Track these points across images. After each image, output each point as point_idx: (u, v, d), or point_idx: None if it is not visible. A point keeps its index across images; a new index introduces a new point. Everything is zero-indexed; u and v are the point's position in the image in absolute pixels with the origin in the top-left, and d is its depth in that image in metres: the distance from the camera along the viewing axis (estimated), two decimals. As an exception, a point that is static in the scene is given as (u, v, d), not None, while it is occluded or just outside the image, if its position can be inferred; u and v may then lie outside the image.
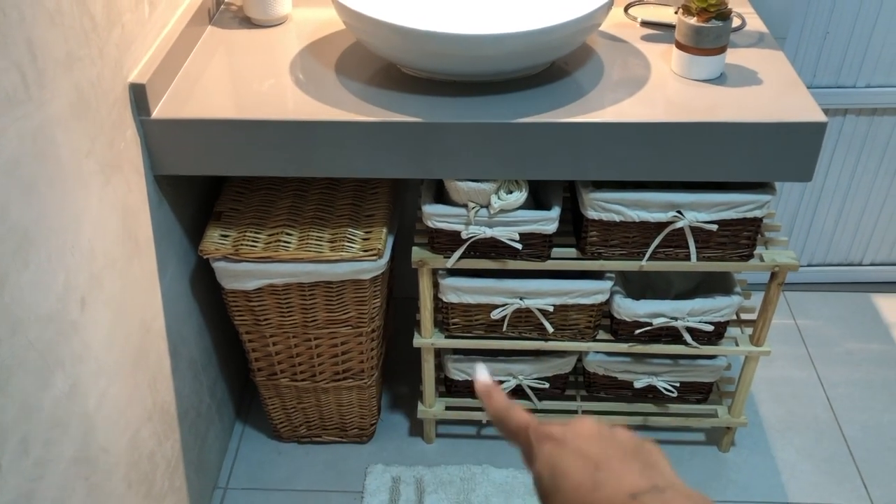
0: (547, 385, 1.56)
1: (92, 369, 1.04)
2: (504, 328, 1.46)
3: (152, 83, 1.17)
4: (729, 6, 1.22)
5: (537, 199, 1.41)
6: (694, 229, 1.32)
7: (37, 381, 0.91)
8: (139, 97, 1.15)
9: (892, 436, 1.70)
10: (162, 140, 1.20)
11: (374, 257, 1.33)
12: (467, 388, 1.61)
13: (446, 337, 1.50)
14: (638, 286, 1.57)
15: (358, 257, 1.32)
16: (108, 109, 1.07)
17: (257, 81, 1.27)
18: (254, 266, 1.33)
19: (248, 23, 1.44)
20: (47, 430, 0.94)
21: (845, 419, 1.73)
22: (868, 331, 1.94)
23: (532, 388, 1.57)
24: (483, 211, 1.31)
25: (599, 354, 1.53)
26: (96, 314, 1.05)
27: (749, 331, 1.50)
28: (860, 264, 2.03)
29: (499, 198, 1.29)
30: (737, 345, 1.49)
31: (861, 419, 1.73)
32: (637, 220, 1.31)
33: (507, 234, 1.32)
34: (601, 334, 1.49)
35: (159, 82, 1.20)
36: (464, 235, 1.33)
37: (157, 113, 1.19)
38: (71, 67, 0.97)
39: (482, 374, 0.55)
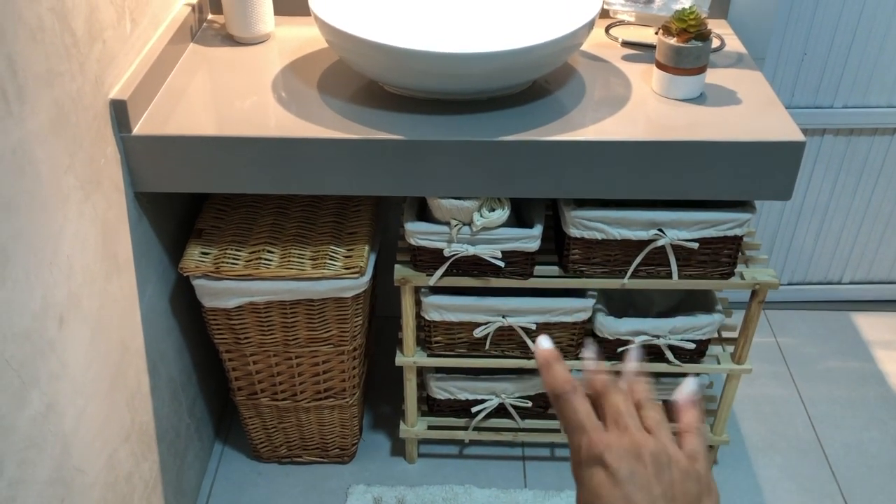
0: (530, 404, 1.56)
1: (69, 388, 1.03)
2: (486, 346, 1.46)
3: (133, 99, 1.16)
4: (708, 27, 1.24)
5: (520, 216, 1.41)
6: (675, 247, 1.32)
7: (12, 399, 0.90)
8: (120, 113, 1.15)
9: (872, 453, 1.71)
10: (143, 157, 1.19)
11: (356, 275, 1.32)
12: (450, 408, 1.60)
13: (429, 355, 1.49)
14: (620, 304, 1.58)
15: (340, 275, 1.32)
16: (88, 125, 1.07)
17: (239, 99, 1.27)
18: (234, 284, 1.32)
19: (230, 40, 1.44)
20: (22, 450, 0.92)
21: (826, 437, 1.74)
22: (847, 349, 1.95)
23: (515, 407, 1.57)
24: (465, 229, 1.31)
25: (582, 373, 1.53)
26: (74, 332, 1.04)
27: (730, 349, 1.51)
28: (839, 283, 2.05)
29: (481, 215, 1.29)
30: (718, 363, 1.49)
31: (842, 437, 1.74)
32: (619, 238, 1.31)
33: (489, 251, 1.32)
34: (583, 352, 1.49)
35: (141, 99, 1.19)
36: (446, 253, 1.32)
37: (138, 129, 1.18)
38: (51, 83, 0.96)
39: (545, 341, 0.52)
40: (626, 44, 1.44)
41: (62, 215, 1.00)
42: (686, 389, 0.52)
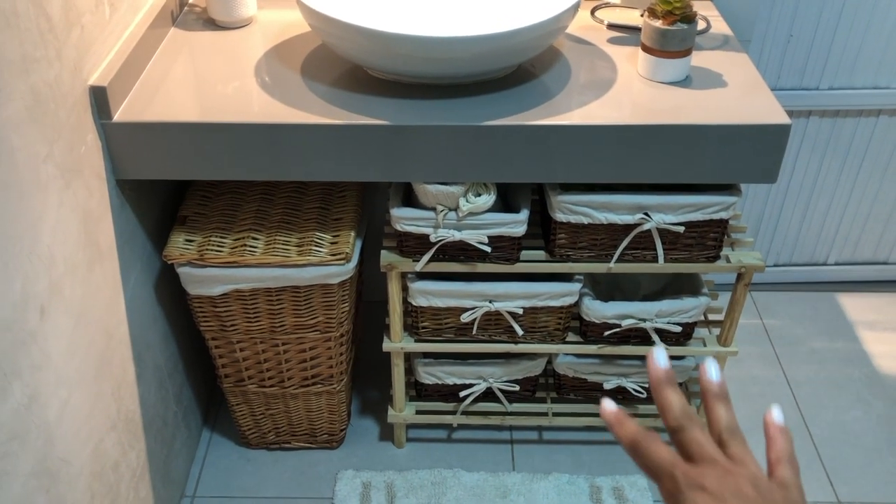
0: (517, 387, 1.56)
1: (52, 379, 1.02)
2: (474, 331, 1.46)
3: (113, 86, 1.15)
4: (694, 9, 1.23)
5: (506, 201, 1.41)
6: (661, 231, 1.32)
7: (-6, 391, 0.89)
8: (100, 100, 1.13)
9: (856, 433, 1.72)
10: (124, 144, 1.18)
11: (342, 261, 1.31)
12: (437, 392, 1.60)
13: (416, 341, 1.49)
14: (606, 288, 1.58)
15: (326, 261, 1.31)
16: (66, 113, 1.05)
17: (222, 84, 1.26)
18: (219, 271, 1.31)
19: (212, 25, 1.42)
20: (5, 442, 0.91)
21: (811, 417, 1.75)
22: (833, 329, 1.96)
23: (502, 391, 1.57)
24: (452, 214, 1.30)
25: (569, 356, 1.53)
26: (56, 322, 1.03)
27: (716, 331, 1.51)
28: (825, 264, 2.06)
29: (467, 201, 1.28)
30: (705, 345, 1.50)
31: (826, 417, 1.75)
32: (605, 223, 1.31)
33: (475, 237, 1.31)
34: (570, 336, 1.49)
35: (121, 85, 1.18)
36: (432, 239, 1.32)
37: (118, 116, 1.17)
38: (27, 70, 0.94)
39: (608, 403, 0.53)
40: (611, 26, 1.43)
41: (41, 204, 0.98)
42: (775, 417, 0.53)
